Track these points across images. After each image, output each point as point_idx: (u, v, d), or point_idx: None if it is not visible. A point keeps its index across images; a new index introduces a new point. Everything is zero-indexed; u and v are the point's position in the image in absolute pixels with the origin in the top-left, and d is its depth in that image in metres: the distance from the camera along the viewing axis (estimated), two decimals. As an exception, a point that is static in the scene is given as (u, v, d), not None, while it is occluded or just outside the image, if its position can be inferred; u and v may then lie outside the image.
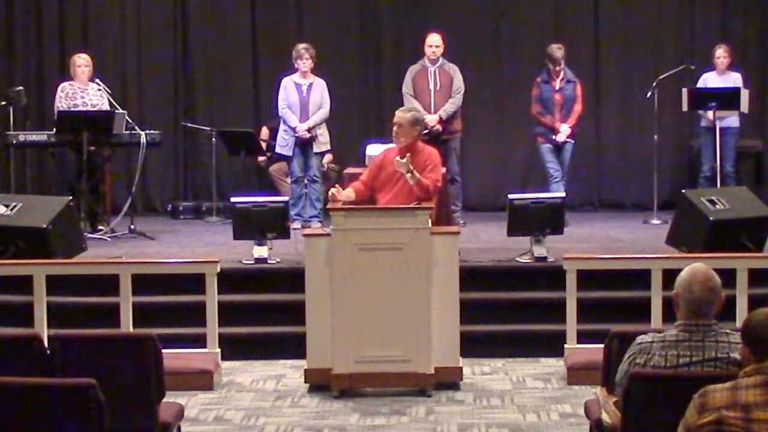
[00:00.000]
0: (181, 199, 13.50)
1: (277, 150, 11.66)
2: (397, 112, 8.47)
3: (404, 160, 8.11)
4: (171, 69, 13.78)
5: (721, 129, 11.66)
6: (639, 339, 4.79)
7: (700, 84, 12.03)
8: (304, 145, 11.43)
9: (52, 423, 4.56)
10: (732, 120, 11.98)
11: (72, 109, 11.11)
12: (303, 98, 11.41)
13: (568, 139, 11.51)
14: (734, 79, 12.00)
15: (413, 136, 8.32)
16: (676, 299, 4.72)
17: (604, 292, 8.81)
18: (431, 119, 11.13)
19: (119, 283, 8.07)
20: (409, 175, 8.12)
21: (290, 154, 11.46)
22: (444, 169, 10.33)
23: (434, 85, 11.25)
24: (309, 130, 11.36)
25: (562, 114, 11.49)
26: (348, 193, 8.27)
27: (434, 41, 11.35)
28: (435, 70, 11.33)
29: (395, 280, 7.53)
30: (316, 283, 7.69)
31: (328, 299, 7.60)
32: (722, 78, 12.01)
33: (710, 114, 11.78)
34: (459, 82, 11.32)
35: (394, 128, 8.32)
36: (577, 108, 11.55)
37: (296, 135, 11.36)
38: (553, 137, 11.46)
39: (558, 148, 11.51)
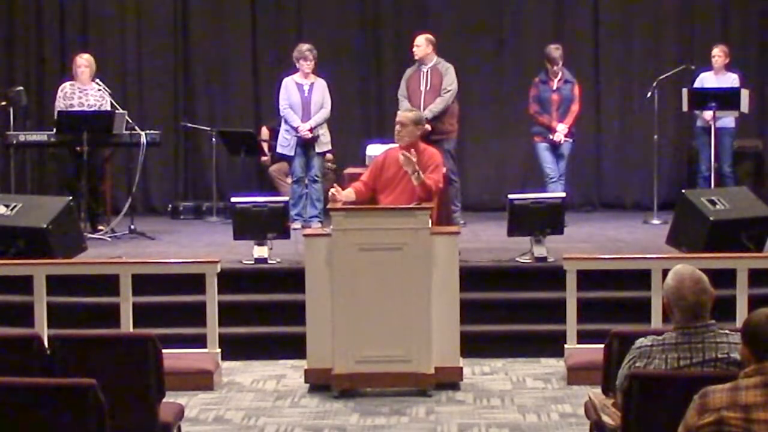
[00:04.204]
0: (181, 199, 13.50)
1: (279, 150, 11.63)
2: (399, 112, 8.50)
3: (412, 158, 8.06)
4: (171, 69, 13.78)
5: (716, 129, 11.66)
6: (638, 342, 4.79)
7: (696, 84, 12.03)
8: (305, 145, 11.42)
9: (52, 423, 4.56)
10: (727, 120, 11.98)
11: (71, 109, 11.10)
12: (305, 98, 11.41)
13: (566, 138, 11.52)
14: (732, 80, 12.01)
15: (415, 135, 8.32)
16: (669, 307, 4.71)
17: (604, 292, 8.81)
18: None
19: (119, 283, 8.07)
20: (414, 174, 8.08)
21: (292, 154, 11.44)
22: (444, 169, 10.37)
23: (425, 85, 11.24)
24: (311, 130, 11.36)
25: (559, 114, 11.50)
26: (348, 194, 8.26)
27: (416, 42, 11.37)
28: (427, 71, 11.31)
29: (395, 280, 7.53)
30: (316, 283, 7.69)
31: (328, 299, 7.61)
32: (719, 78, 12.02)
33: (706, 114, 11.78)
34: (449, 81, 11.26)
35: (397, 127, 8.30)
36: (574, 108, 11.56)
37: (298, 135, 11.36)
38: (551, 136, 11.48)
39: (555, 147, 11.52)
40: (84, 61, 11.32)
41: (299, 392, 7.76)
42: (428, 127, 11.10)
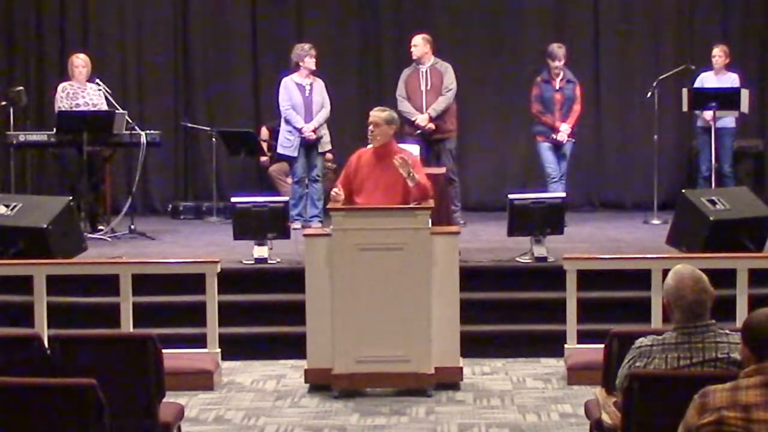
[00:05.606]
0: (181, 199, 13.49)
1: (281, 151, 11.58)
2: (372, 112, 8.28)
3: (408, 160, 7.99)
4: (171, 69, 13.77)
5: (716, 130, 11.66)
6: (638, 342, 4.79)
7: (697, 84, 12.02)
8: (308, 145, 11.41)
9: (52, 423, 4.56)
10: (728, 120, 11.98)
11: (75, 108, 11.10)
12: (306, 98, 11.40)
13: (569, 138, 11.52)
14: (732, 80, 12.01)
15: (389, 135, 8.16)
16: (668, 306, 4.71)
17: (604, 292, 8.81)
18: (422, 119, 11.16)
19: (119, 283, 8.07)
20: (409, 176, 7.97)
21: (295, 155, 11.41)
22: (443, 169, 10.37)
23: (425, 85, 11.26)
24: (314, 131, 11.35)
25: (562, 113, 11.50)
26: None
27: (413, 42, 11.42)
28: (426, 70, 11.34)
29: (395, 280, 7.53)
30: (316, 283, 7.69)
31: (328, 299, 7.61)
32: (719, 78, 12.02)
33: (707, 114, 11.78)
34: (449, 80, 11.32)
35: (370, 128, 8.14)
36: (577, 108, 11.56)
37: (302, 136, 11.34)
38: (554, 136, 11.47)
39: (558, 147, 11.52)
40: (81, 61, 11.32)
41: (299, 392, 7.76)
42: (432, 126, 11.18)
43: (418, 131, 11.15)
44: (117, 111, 11.18)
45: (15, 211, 9.37)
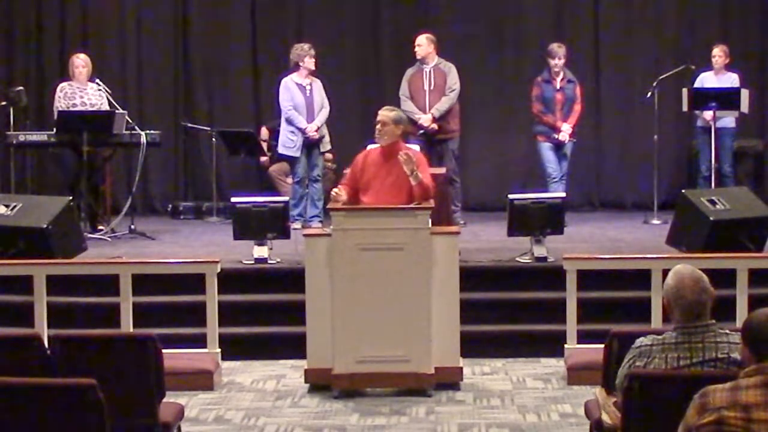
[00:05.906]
0: (181, 199, 13.49)
1: (282, 151, 11.56)
2: (380, 111, 8.25)
3: (412, 158, 7.98)
4: (171, 69, 13.78)
5: (716, 129, 11.66)
6: (638, 342, 4.79)
7: (697, 84, 12.02)
8: (311, 145, 11.41)
9: (52, 423, 4.56)
10: (727, 120, 11.98)
11: (71, 109, 11.10)
12: (308, 99, 11.40)
13: (570, 138, 11.53)
14: (732, 80, 12.01)
15: (396, 135, 8.12)
16: (669, 306, 4.71)
17: (604, 292, 8.81)
18: (425, 119, 11.16)
19: (119, 283, 8.08)
20: (413, 174, 7.96)
21: (298, 155, 11.40)
22: (443, 169, 10.37)
23: (429, 85, 11.26)
24: (316, 130, 11.36)
25: (563, 113, 11.50)
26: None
27: (417, 41, 11.42)
28: (430, 70, 11.34)
29: (395, 280, 7.53)
30: (316, 283, 7.69)
31: (328, 299, 7.61)
32: (719, 78, 12.02)
33: (706, 114, 11.78)
34: (453, 80, 11.32)
35: (378, 126, 8.11)
36: (577, 108, 11.56)
37: (306, 136, 11.33)
38: (555, 136, 11.48)
39: (559, 146, 11.52)
40: (81, 61, 11.32)
41: (299, 392, 7.76)
42: (435, 126, 11.18)
43: (421, 131, 11.16)
44: (117, 111, 11.18)
45: (15, 211, 9.38)
